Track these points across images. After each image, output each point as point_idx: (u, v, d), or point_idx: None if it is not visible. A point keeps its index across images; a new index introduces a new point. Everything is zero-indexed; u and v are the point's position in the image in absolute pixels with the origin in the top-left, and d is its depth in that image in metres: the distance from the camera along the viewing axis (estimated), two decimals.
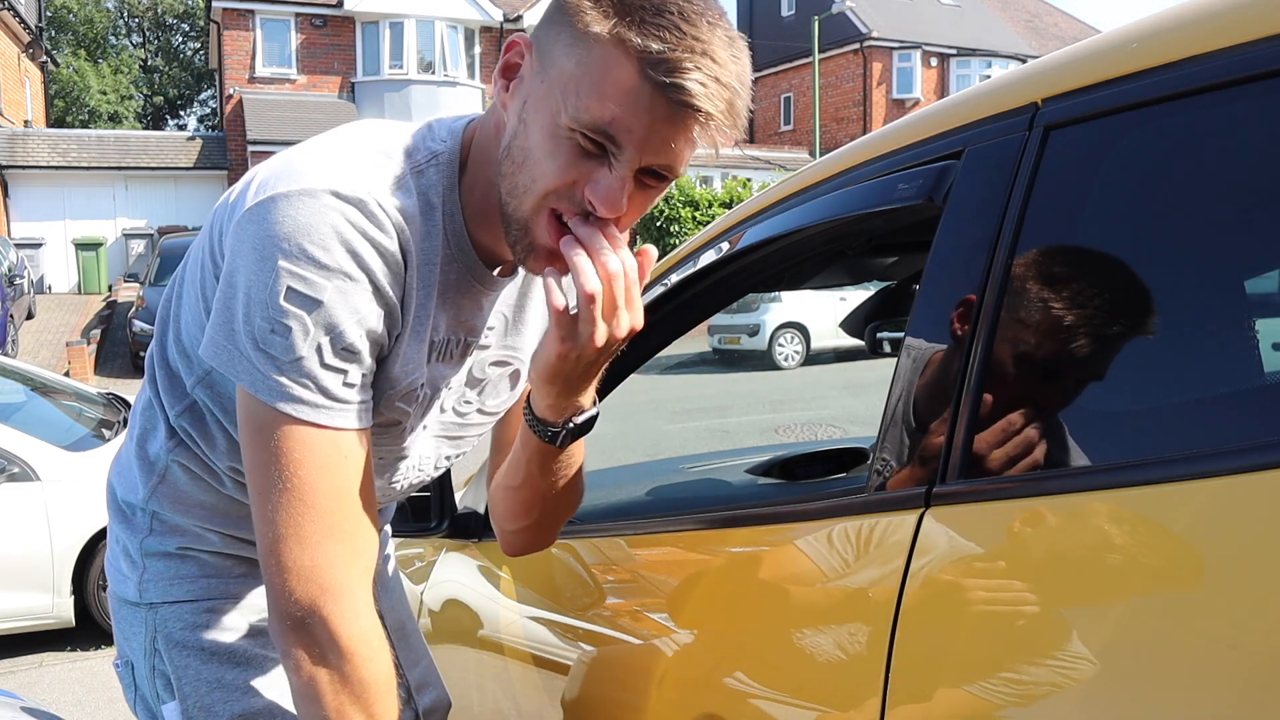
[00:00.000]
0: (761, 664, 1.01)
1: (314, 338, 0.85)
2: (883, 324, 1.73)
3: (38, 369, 5.76)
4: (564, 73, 0.83)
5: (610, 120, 0.81)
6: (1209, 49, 0.74)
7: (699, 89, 0.80)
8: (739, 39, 0.85)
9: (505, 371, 1.11)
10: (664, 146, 0.83)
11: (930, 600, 0.82)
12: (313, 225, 0.84)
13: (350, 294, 0.85)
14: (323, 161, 0.88)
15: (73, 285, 19.13)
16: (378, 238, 0.87)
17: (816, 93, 24.69)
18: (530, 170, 0.86)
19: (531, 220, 0.88)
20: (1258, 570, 0.61)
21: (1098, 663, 0.67)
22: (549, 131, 0.84)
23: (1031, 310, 0.86)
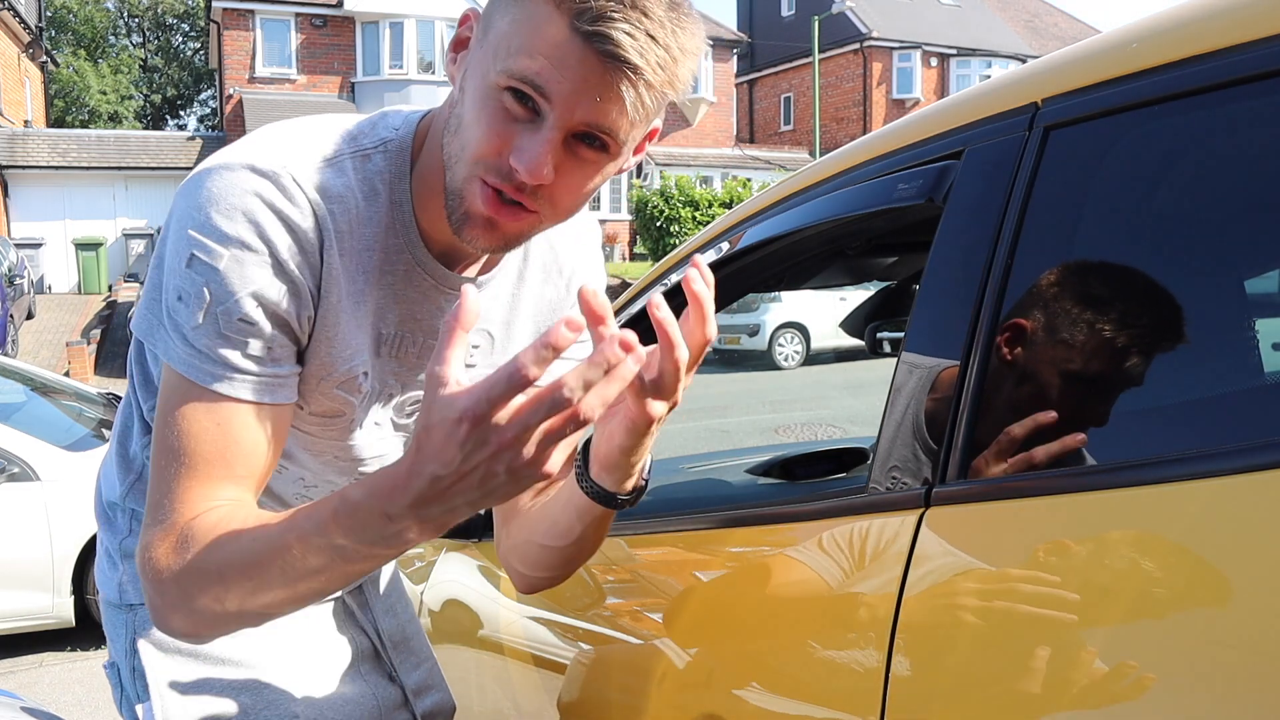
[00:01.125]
0: (761, 664, 1.01)
1: (211, 306, 0.84)
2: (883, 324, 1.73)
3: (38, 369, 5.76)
4: (499, 33, 0.82)
5: (537, 71, 0.79)
6: (1209, 49, 0.74)
7: (626, 39, 0.77)
8: (686, 8, 0.82)
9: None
10: (592, 104, 0.79)
11: (930, 600, 0.82)
12: (221, 196, 0.84)
13: (246, 264, 0.84)
14: (253, 141, 0.89)
15: (73, 285, 19.13)
16: (286, 211, 0.85)
17: (816, 93, 24.69)
18: (462, 136, 0.84)
19: (464, 188, 0.85)
20: (1258, 570, 0.61)
21: (1098, 663, 0.67)
22: (480, 93, 0.83)
23: (1031, 310, 0.86)
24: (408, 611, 1.38)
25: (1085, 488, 0.75)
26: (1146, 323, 0.83)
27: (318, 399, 0.95)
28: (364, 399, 0.99)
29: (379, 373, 0.98)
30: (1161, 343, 0.82)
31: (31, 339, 14.22)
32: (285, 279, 0.86)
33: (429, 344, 0.99)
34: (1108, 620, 0.69)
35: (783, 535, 1.09)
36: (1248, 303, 0.89)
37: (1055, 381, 0.85)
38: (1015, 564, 0.78)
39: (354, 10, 21.31)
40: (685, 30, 0.81)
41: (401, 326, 0.97)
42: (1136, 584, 0.68)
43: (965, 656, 0.78)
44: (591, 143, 0.83)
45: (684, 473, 2.30)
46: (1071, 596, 0.72)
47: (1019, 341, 0.86)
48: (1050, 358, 0.85)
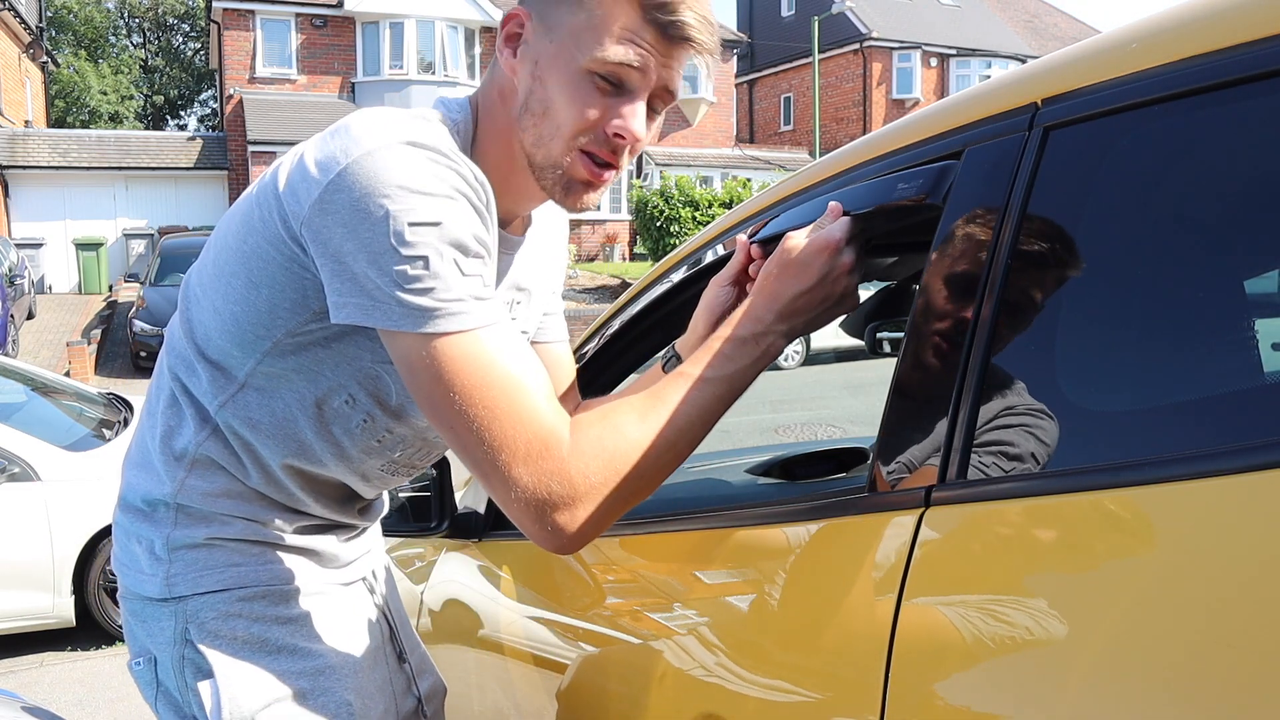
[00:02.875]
0: (761, 664, 1.01)
1: (448, 255, 0.90)
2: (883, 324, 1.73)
3: (38, 369, 5.76)
4: (574, 27, 0.97)
5: (630, 56, 0.96)
6: (1209, 49, 0.74)
7: (696, 21, 0.98)
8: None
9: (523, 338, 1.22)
10: (669, 75, 1.00)
11: (930, 600, 0.82)
12: (400, 168, 0.90)
13: (459, 210, 0.92)
14: (373, 128, 0.94)
15: (73, 285, 19.14)
16: (461, 171, 0.94)
17: (816, 93, 24.69)
18: (553, 118, 0.99)
19: (563, 160, 1.00)
20: (1258, 570, 0.61)
21: (1098, 663, 0.67)
22: (568, 79, 0.98)
23: (1031, 310, 0.86)
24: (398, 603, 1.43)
25: (1085, 488, 0.75)
26: (1145, 323, 0.83)
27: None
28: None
29: None
30: (1161, 343, 0.82)
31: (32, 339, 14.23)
32: (482, 220, 0.96)
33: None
34: (1108, 620, 0.69)
35: (783, 535, 1.09)
36: (1248, 303, 0.89)
37: (1055, 381, 0.85)
38: (1015, 564, 0.78)
39: (354, 10, 21.31)
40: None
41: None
42: (1136, 584, 0.68)
43: (965, 657, 0.78)
44: (656, 105, 1.02)
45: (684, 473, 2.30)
46: (1071, 597, 0.72)
47: (1018, 341, 0.86)
48: (1050, 358, 0.85)
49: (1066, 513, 0.75)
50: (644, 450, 0.93)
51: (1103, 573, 0.71)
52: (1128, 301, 0.83)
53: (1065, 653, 0.70)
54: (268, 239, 0.98)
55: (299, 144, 1.01)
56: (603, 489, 0.91)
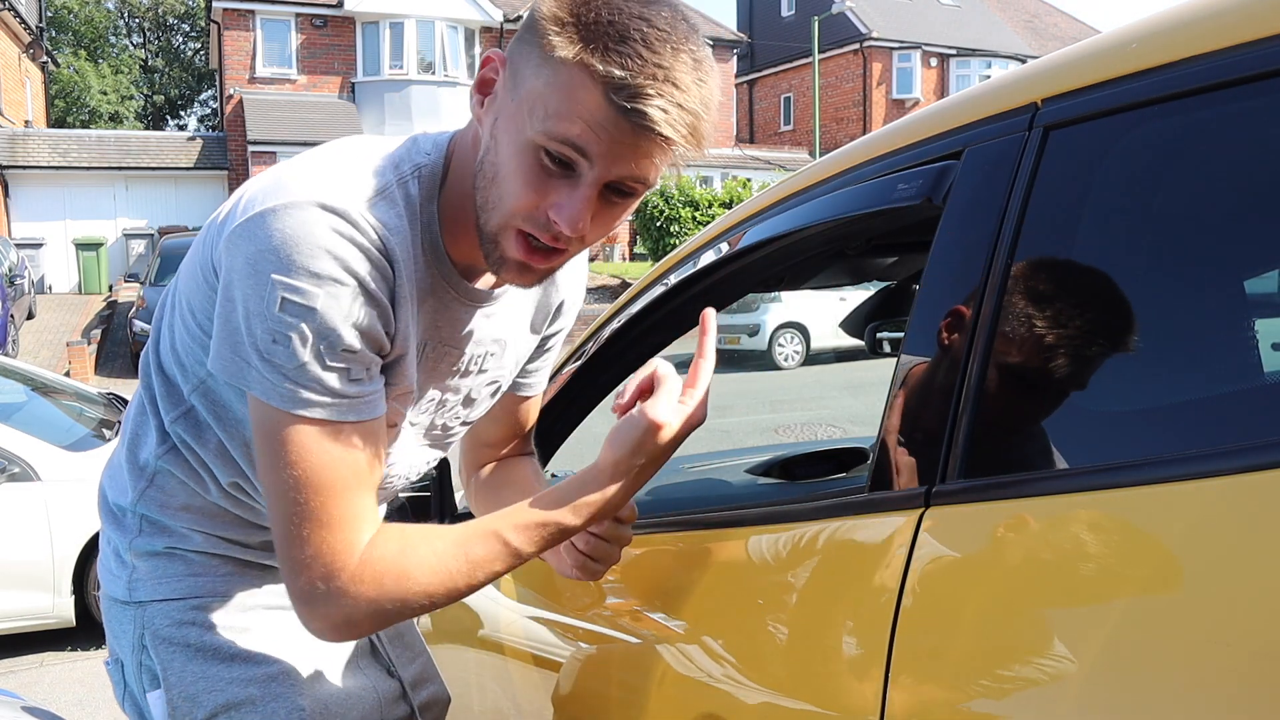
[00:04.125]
0: (761, 664, 1.01)
1: (313, 344, 0.88)
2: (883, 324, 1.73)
3: (38, 369, 5.76)
4: (533, 91, 0.86)
5: (577, 134, 0.85)
6: (1209, 49, 0.74)
7: (660, 115, 0.84)
8: (706, 61, 0.88)
9: (492, 389, 1.18)
10: (627, 165, 0.87)
11: (930, 600, 0.82)
12: (300, 236, 0.87)
13: (341, 298, 0.88)
14: (308, 176, 0.91)
15: (73, 285, 19.13)
16: (364, 243, 0.89)
17: (816, 93, 24.69)
18: (499, 187, 0.90)
19: (500, 236, 0.92)
20: (1258, 570, 0.61)
21: (1098, 663, 0.67)
22: (516, 148, 0.88)
23: (1031, 310, 0.86)
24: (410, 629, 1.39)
25: (1085, 488, 0.75)
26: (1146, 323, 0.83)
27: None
28: (411, 410, 1.07)
29: (419, 382, 1.06)
30: (1161, 343, 0.82)
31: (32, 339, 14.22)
32: (374, 305, 0.91)
33: (446, 351, 1.07)
34: (1108, 620, 0.69)
35: (783, 535, 1.09)
36: (1248, 303, 0.89)
37: (1055, 381, 0.85)
38: (1015, 564, 0.78)
39: (354, 10, 21.30)
40: (707, 86, 0.87)
41: (427, 336, 1.04)
42: (1136, 584, 0.68)
43: (965, 656, 0.78)
44: (622, 193, 0.91)
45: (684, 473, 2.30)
46: (1071, 597, 0.72)
47: (1019, 341, 0.86)
48: (1050, 357, 0.85)
49: (1066, 512, 0.75)
50: (421, 595, 0.95)
51: (1102, 572, 0.70)
52: (1128, 301, 0.83)
53: (1065, 653, 0.70)
54: (201, 264, 0.97)
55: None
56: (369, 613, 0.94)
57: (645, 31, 0.84)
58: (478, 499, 1.33)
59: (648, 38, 0.84)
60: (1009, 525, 0.80)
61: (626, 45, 0.83)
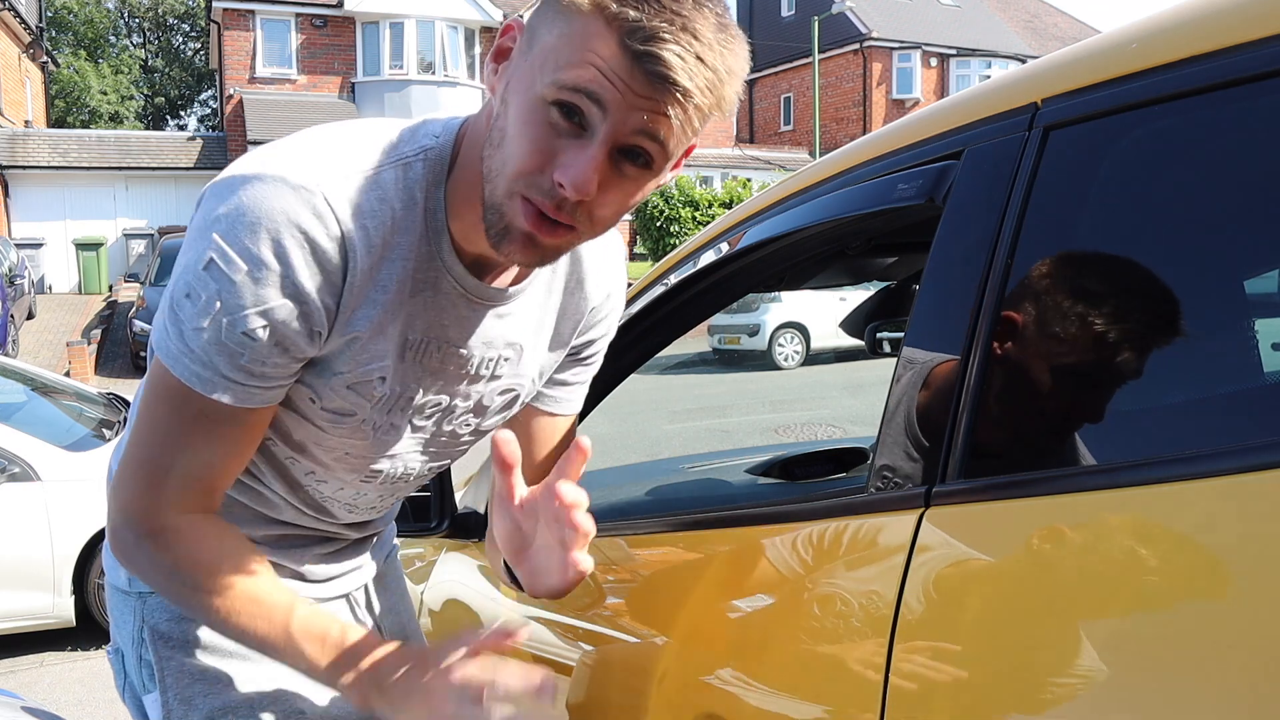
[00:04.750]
0: (761, 664, 1.01)
1: (218, 315, 0.86)
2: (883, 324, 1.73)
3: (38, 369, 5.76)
4: (545, 46, 0.81)
5: (589, 80, 0.79)
6: (1209, 49, 0.74)
7: (677, 61, 0.78)
8: (733, 29, 0.82)
9: (508, 398, 1.10)
10: (640, 121, 0.80)
11: (930, 600, 0.82)
12: (249, 208, 0.84)
13: (262, 283, 0.85)
14: (289, 150, 0.89)
15: (73, 285, 19.13)
16: (312, 232, 0.85)
17: (816, 93, 24.69)
18: (505, 150, 0.84)
19: (504, 204, 0.85)
20: (1258, 570, 0.61)
21: (1097, 663, 0.67)
22: (525, 106, 0.82)
23: (1031, 310, 0.86)
24: (408, 611, 1.39)
25: (1085, 488, 0.75)
26: (1146, 323, 0.83)
27: (330, 396, 0.97)
28: (379, 402, 0.99)
29: (400, 377, 0.99)
30: (1161, 343, 0.82)
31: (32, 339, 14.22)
32: (298, 300, 0.87)
33: (451, 351, 1.00)
34: (1107, 621, 0.69)
35: (783, 535, 1.09)
36: (1248, 303, 0.89)
37: (1055, 381, 0.85)
38: (1015, 564, 0.78)
39: (354, 10, 21.30)
40: (732, 51, 0.82)
41: (428, 333, 0.98)
42: (1136, 584, 0.68)
43: (965, 656, 0.78)
44: (635, 159, 0.83)
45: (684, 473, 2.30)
46: (1071, 597, 0.72)
47: (1019, 341, 0.86)
48: (1050, 358, 0.85)
49: (1066, 512, 0.75)
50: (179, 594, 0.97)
51: (1103, 572, 0.70)
52: (1127, 301, 0.83)
53: (1065, 653, 0.70)
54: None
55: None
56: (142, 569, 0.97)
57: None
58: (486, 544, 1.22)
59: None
60: (1009, 525, 0.80)
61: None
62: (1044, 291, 0.86)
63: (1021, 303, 0.85)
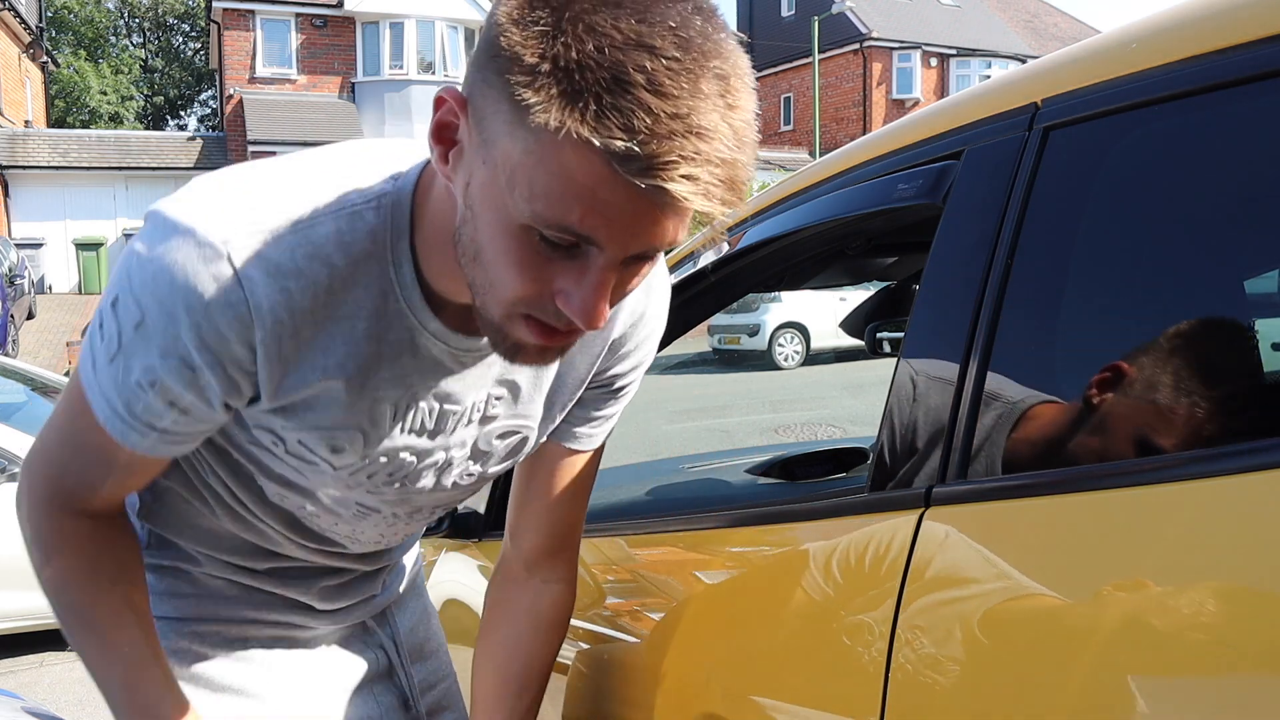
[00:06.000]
0: (761, 664, 1.01)
1: (117, 356, 0.81)
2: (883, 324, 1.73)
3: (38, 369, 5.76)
4: (509, 159, 0.66)
5: (578, 221, 0.65)
6: (1209, 49, 0.74)
7: (687, 187, 0.63)
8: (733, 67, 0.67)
9: (512, 440, 1.00)
10: (646, 239, 0.67)
11: (930, 600, 0.82)
12: (156, 256, 0.77)
13: (151, 339, 0.78)
14: (219, 194, 0.80)
15: (73, 285, 19.13)
16: (207, 295, 0.76)
17: (816, 93, 24.68)
18: (487, 271, 0.72)
19: (506, 326, 0.74)
20: (1259, 571, 0.61)
21: (1098, 663, 0.67)
22: (501, 229, 0.69)
23: (1031, 310, 0.86)
24: (429, 630, 1.33)
25: (1085, 488, 0.75)
26: (1146, 323, 0.83)
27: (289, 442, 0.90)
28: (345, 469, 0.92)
29: (383, 443, 0.91)
30: (1161, 342, 0.82)
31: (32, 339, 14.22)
32: (188, 366, 0.79)
33: (447, 409, 0.92)
34: (1107, 621, 0.69)
35: (783, 535, 1.09)
36: (1247, 303, 0.89)
37: (1054, 381, 0.85)
38: (1015, 564, 0.78)
39: (354, 10, 21.30)
40: (740, 109, 0.67)
41: (413, 397, 0.89)
42: (1136, 585, 0.68)
43: (965, 657, 0.78)
44: (643, 259, 0.71)
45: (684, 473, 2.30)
46: (1071, 597, 0.72)
47: (1018, 341, 0.86)
48: (1049, 357, 0.85)
49: (1066, 512, 0.75)
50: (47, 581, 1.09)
51: (1103, 573, 0.70)
52: (1127, 301, 0.83)
53: (1065, 653, 0.70)
54: None
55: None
56: (28, 539, 1.05)
57: (649, 68, 0.62)
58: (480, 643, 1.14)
59: (654, 77, 0.62)
60: (1009, 526, 0.80)
61: (627, 95, 0.61)
62: (1043, 291, 0.86)
63: (1021, 303, 0.85)
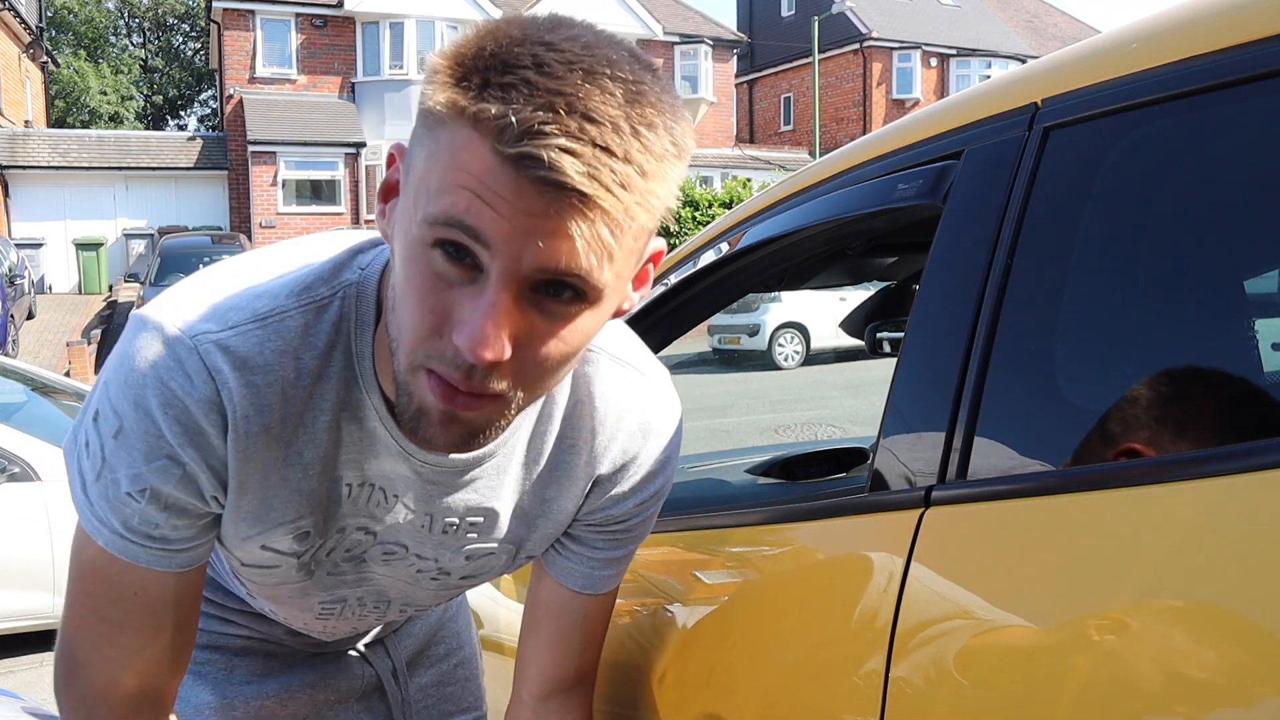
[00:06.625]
0: (761, 664, 1.01)
1: (104, 472, 0.78)
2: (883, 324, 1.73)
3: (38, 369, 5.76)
4: (417, 174, 0.64)
5: (464, 209, 0.61)
6: (1209, 49, 0.74)
7: (566, 160, 0.59)
8: (655, 94, 0.63)
9: (487, 559, 0.96)
10: (538, 253, 0.61)
11: (930, 600, 0.82)
12: (126, 361, 0.76)
13: (135, 446, 0.76)
14: (192, 291, 0.79)
15: (73, 285, 19.13)
16: (179, 391, 0.74)
17: (816, 93, 24.69)
18: (399, 317, 0.68)
19: (410, 382, 0.69)
20: (1259, 571, 0.61)
21: (1098, 663, 0.67)
22: (406, 255, 0.66)
23: (1031, 310, 0.86)
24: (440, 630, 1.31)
25: (1085, 488, 0.75)
26: (1146, 323, 0.83)
27: (241, 552, 0.87)
28: (309, 551, 0.88)
29: (335, 524, 0.87)
30: (1161, 342, 0.82)
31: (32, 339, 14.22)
32: (175, 462, 0.77)
33: (411, 511, 0.87)
34: (1107, 621, 0.69)
35: (783, 535, 1.09)
36: (1247, 303, 0.89)
37: (1054, 381, 0.85)
38: (1015, 564, 0.78)
39: (354, 10, 21.30)
40: (654, 129, 0.62)
41: (369, 480, 0.85)
42: (1136, 584, 0.68)
43: (965, 657, 0.78)
44: (559, 293, 0.64)
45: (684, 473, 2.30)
46: (1071, 597, 0.72)
47: (1018, 341, 0.86)
48: (1049, 357, 0.85)
49: (1066, 512, 0.75)
50: None
51: (1103, 573, 0.70)
52: (1127, 301, 0.83)
53: (1065, 653, 0.70)
54: None
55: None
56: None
57: (540, 55, 0.60)
58: None
59: (542, 61, 0.60)
60: (1009, 525, 0.80)
61: (511, 73, 0.60)
62: (1043, 291, 0.86)
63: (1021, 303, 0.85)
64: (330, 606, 0.99)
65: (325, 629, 1.06)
